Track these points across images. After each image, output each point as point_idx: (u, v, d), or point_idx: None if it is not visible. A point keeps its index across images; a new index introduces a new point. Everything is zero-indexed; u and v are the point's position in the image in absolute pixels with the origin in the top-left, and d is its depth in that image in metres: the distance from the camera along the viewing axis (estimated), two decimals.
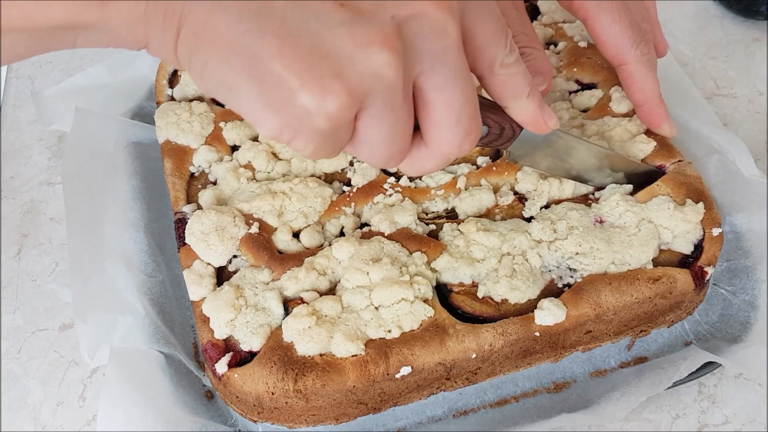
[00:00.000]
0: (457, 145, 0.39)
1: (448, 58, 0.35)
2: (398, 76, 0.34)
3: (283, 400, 0.51)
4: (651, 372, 0.58)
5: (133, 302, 0.60)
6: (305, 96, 0.33)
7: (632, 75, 0.61)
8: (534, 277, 0.56)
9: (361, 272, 0.55)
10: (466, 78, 0.37)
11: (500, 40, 0.40)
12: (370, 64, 0.33)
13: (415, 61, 0.35)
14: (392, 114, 0.35)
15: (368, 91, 0.34)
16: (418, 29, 0.34)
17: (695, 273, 0.57)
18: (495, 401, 0.58)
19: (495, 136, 0.48)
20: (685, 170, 0.62)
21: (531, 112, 0.45)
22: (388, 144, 0.37)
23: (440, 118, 0.37)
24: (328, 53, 0.32)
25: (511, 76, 0.42)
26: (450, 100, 0.37)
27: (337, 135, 0.35)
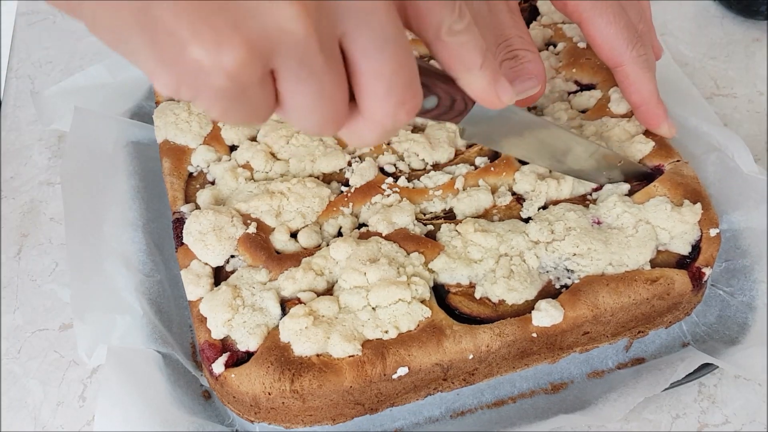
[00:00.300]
0: (391, 114, 0.36)
1: (374, 19, 0.33)
2: (309, 32, 0.31)
3: (280, 401, 0.51)
4: (648, 373, 0.57)
5: (131, 302, 0.60)
6: (197, 48, 0.30)
7: (629, 77, 0.61)
8: (531, 278, 0.56)
9: (358, 272, 0.55)
10: (397, 41, 0.34)
11: (445, 4, 0.37)
12: (274, 17, 0.30)
13: (336, 20, 0.32)
14: (312, 77, 0.32)
15: (275, 47, 0.31)
16: None
17: (693, 274, 0.57)
18: (492, 402, 0.58)
19: (445, 108, 0.45)
20: (681, 170, 0.62)
21: (483, 85, 0.41)
22: (317, 110, 0.34)
23: (369, 85, 0.35)
24: (225, 2, 0.30)
25: (461, 45, 0.39)
26: (378, 66, 0.34)
27: (248, 96, 0.32)
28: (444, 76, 0.43)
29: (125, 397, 0.53)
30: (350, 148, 0.66)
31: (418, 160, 0.66)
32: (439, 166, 0.66)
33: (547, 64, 0.73)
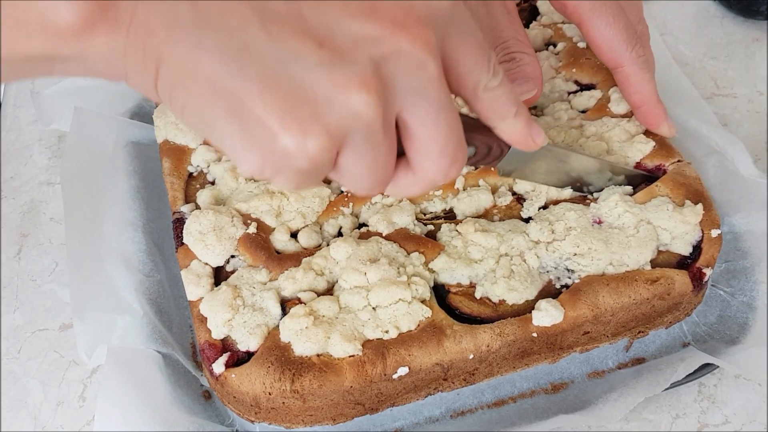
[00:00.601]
0: (444, 172, 0.39)
1: (429, 93, 0.36)
2: (377, 115, 0.34)
3: (280, 401, 0.51)
4: (649, 373, 0.57)
5: (131, 302, 0.60)
6: (286, 138, 0.33)
7: (628, 77, 0.61)
8: (532, 277, 0.56)
9: (358, 272, 0.55)
10: (448, 109, 0.37)
11: (483, 65, 0.40)
12: (348, 106, 0.33)
13: (395, 98, 0.35)
14: (372, 150, 0.36)
15: (348, 130, 0.34)
16: (396, 67, 0.34)
17: (693, 274, 0.57)
18: (492, 402, 0.58)
19: (482, 155, 0.48)
20: (684, 171, 0.62)
21: (518, 131, 0.45)
22: (369, 176, 0.37)
23: (426, 149, 0.38)
24: (307, 95, 0.33)
25: (496, 99, 0.42)
26: (434, 132, 0.37)
27: (319, 171, 0.36)
28: (478, 126, 0.45)
29: (125, 397, 0.53)
30: None
31: None
32: None
33: (547, 64, 0.73)
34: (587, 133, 0.65)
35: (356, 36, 0.33)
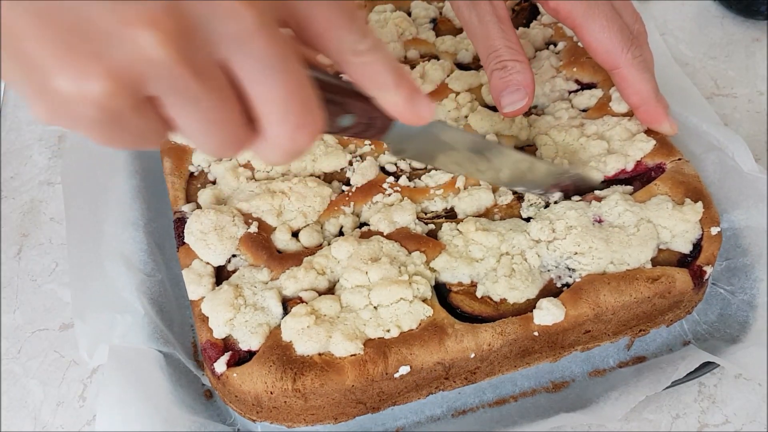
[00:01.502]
0: (290, 138, 0.36)
1: (253, 46, 0.32)
2: (175, 59, 0.30)
3: (282, 400, 0.51)
4: (650, 372, 0.58)
5: (132, 301, 0.60)
6: (61, 79, 0.30)
7: (626, 79, 0.61)
8: (533, 276, 0.56)
9: (360, 272, 0.55)
10: (283, 65, 0.33)
11: (343, 25, 0.37)
12: (136, 45, 0.30)
13: (211, 46, 0.32)
14: (192, 103, 0.32)
15: (141, 75, 0.30)
16: (198, 10, 0.31)
17: (694, 272, 0.57)
18: (494, 401, 0.58)
19: (364, 126, 0.44)
20: (683, 169, 0.62)
21: (399, 103, 0.41)
22: (209, 135, 0.34)
23: (263, 110, 0.35)
24: (88, 32, 0.29)
25: (368, 65, 0.39)
26: (267, 92, 0.34)
27: (126, 123, 0.32)
28: (361, 93, 0.42)
29: (127, 397, 0.53)
30: (351, 147, 0.66)
31: None
32: None
33: (548, 64, 0.73)
34: (588, 132, 0.65)
35: None
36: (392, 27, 0.79)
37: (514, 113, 0.61)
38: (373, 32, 0.39)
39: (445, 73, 0.73)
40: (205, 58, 0.32)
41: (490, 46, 0.60)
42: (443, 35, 0.78)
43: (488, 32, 0.59)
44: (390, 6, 0.82)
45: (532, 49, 0.76)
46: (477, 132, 0.67)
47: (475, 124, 0.68)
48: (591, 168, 0.63)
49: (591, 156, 0.64)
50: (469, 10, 0.60)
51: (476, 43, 0.62)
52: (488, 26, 0.59)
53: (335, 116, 0.42)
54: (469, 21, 0.61)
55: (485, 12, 0.60)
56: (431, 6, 0.82)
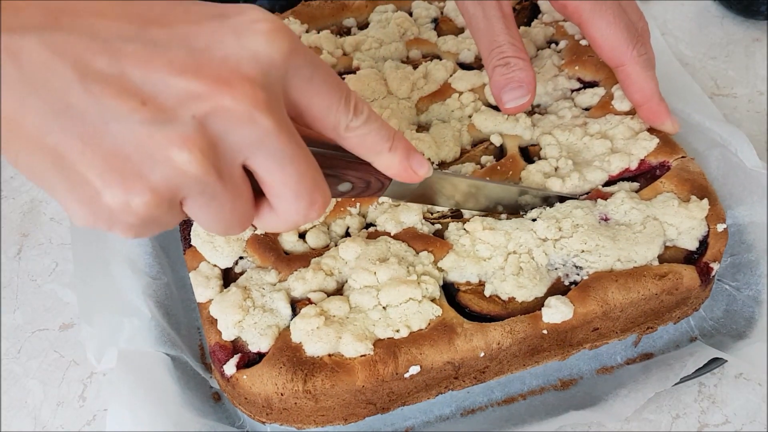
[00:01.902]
0: (303, 214, 0.40)
1: (268, 145, 0.36)
2: (205, 171, 0.35)
3: (293, 401, 0.50)
4: (657, 368, 0.58)
5: (138, 305, 0.60)
6: (108, 195, 0.34)
7: (630, 76, 0.61)
8: (540, 275, 0.56)
9: (368, 272, 0.55)
10: (295, 155, 0.38)
11: (339, 108, 0.41)
12: (171, 163, 0.34)
13: (232, 152, 0.36)
14: (213, 201, 0.37)
15: (176, 186, 0.35)
16: (221, 124, 0.35)
17: (701, 269, 0.57)
18: (503, 399, 0.58)
19: (361, 189, 0.48)
20: (687, 166, 0.62)
21: (395, 165, 0.45)
22: (219, 221, 0.39)
23: (279, 194, 0.39)
24: (130, 154, 0.34)
25: (363, 137, 0.43)
26: (282, 179, 0.38)
27: (157, 222, 0.37)
28: (354, 161, 0.45)
29: (135, 400, 0.53)
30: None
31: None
32: (445, 164, 0.66)
33: (550, 62, 0.73)
34: (591, 131, 0.66)
35: (179, 94, 0.34)
36: (394, 27, 0.79)
37: (516, 110, 0.61)
38: (367, 105, 0.43)
39: (448, 72, 0.73)
40: (229, 162, 0.36)
41: (493, 41, 0.60)
42: (445, 35, 0.78)
43: (492, 28, 0.60)
44: (391, 6, 0.82)
45: (534, 47, 0.76)
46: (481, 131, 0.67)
47: (479, 123, 0.68)
48: (595, 168, 0.63)
49: (595, 155, 0.64)
50: (474, 5, 0.60)
51: (479, 39, 0.62)
52: (492, 22, 0.60)
53: (334, 185, 0.46)
54: (474, 16, 0.61)
55: (490, 7, 0.60)
56: (432, 6, 0.82)
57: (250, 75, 0.35)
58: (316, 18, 0.81)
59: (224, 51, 0.35)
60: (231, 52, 0.35)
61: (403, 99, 0.71)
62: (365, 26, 0.81)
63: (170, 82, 0.34)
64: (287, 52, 0.37)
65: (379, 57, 0.76)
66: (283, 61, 0.37)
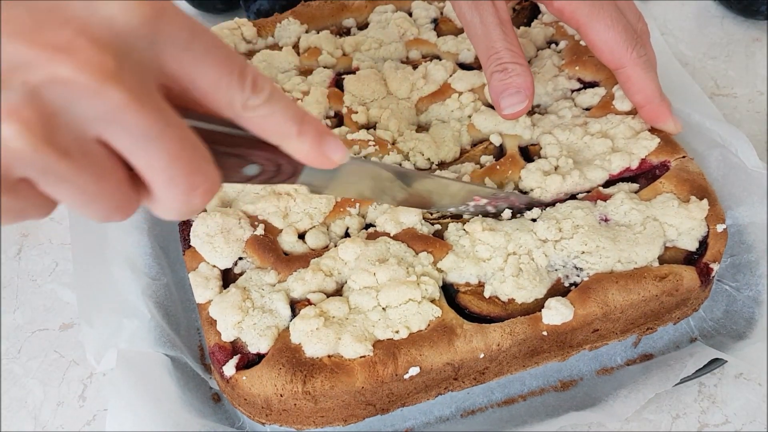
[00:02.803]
0: (182, 200, 0.36)
1: (121, 120, 0.32)
2: (33, 147, 0.31)
3: (292, 402, 0.50)
4: (658, 369, 0.58)
5: (138, 305, 0.60)
6: None
7: (630, 78, 0.61)
8: (540, 276, 0.56)
9: (367, 273, 0.55)
10: (161, 133, 0.33)
11: (231, 83, 0.36)
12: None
13: (76, 126, 0.32)
14: (66, 183, 0.33)
15: (9, 163, 0.31)
16: (59, 95, 0.31)
17: (701, 270, 0.57)
18: (502, 400, 0.58)
19: (271, 173, 0.43)
20: (687, 167, 0.62)
21: (306, 151, 0.41)
22: (90, 207, 0.35)
23: (150, 179, 0.35)
24: None
25: (266, 117, 0.38)
26: (148, 160, 0.34)
27: (8, 208, 0.33)
28: (265, 142, 0.41)
29: (135, 401, 0.53)
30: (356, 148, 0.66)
31: (424, 159, 0.66)
32: (444, 164, 0.66)
33: (550, 63, 0.73)
34: (591, 130, 0.66)
35: (10, 59, 0.30)
36: (393, 27, 0.79)
37: (514, 115, 0.61)
38: (269, 81, 0.38)
39: (447, 73, 0.73)
40: (74, 139, 0.32)
41: (490, 47, 0.60)
42: (444, 35, 0.78)
43: (489, 34, 0.60)
44: (391, 6, 0.82)
45: (534, 48, 0.76)
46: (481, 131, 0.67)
47: (479, 123, 0.68)
48: (595, 167, 0.63)
49: (595, 155, 0.64)
50: (471, 10, 0.60)
51: (477, 44, 0.62)
52: (490, 28, 0.59)
53: (238, 167, 0.41)
54: (471, 22, 0.61)
55: (488, 13, 0.60)
56: (432, 6, 0.82)
57: (98, 41, 0.31)
58: (316, 18, 0.81)
59: (69, 13, 0.31)
60: (77, 16, 0.31)
61: (403, 99, 0.71)
62: (365, 26, 0.81)
63: (4, 48, 0.30)
64: (150, 17, 0.33)
65: (379, 57, 0.76)
66: (145, 27, 0.33)
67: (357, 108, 0.70)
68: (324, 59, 0.76)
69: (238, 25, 0.79)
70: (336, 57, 0.76)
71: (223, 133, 0.39)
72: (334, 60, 0.76)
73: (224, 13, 0.99)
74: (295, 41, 0.79)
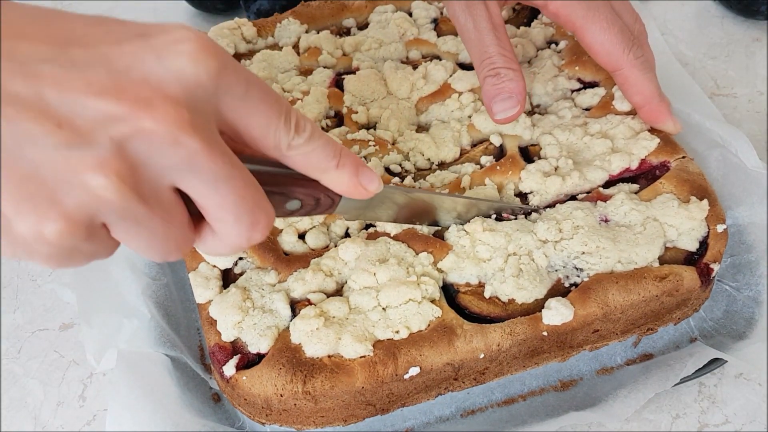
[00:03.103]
0: (246, 236, 0.39)
1: (197, 166, 0.35)
2: (121, 195, 0.33)
3: (292, 402, 0.50)
4: (657, 369, 0.58)
5: (138, 305, 0.60)
6: (21, 224, 0.33)
7: (628, 79, 0.61)
8: (540, 276, 0.56)
9: (368, 273, 0.55)
10: (230, 176, 0.36)
11: (278, 126, 0.39)
12: (86, 189, 0.33)
13: (156, 175, 0.35)
14: (139, 227, 0.35)
15: (93, 212, 0.34)
16: (142, 147, 0.34)
17: (701, 270, 0.57)
18: (503, 400, 0.58)
19: (311, 207, 0.46)
20: (687, 167, 0.62)
21: (345, 182, 0.44)
22: (154, 248, 0.37)
23: (217, 217, 0.38)
24: (44, 180, 0.32)
25: (307, 155, 0.41)
26: (218, 201, 0.37)
27: (80, 251, 0.35)
28: (302, 178, 0.44)
29: (135, 401, 0.53)
30: (356, 148, 0.66)
31: (424, 159, 0.66)
32: (444, 165, 0.66)
33: (550, 63, 0.73)
34: (591, 131, 0.66)
35: (97, 116, 0.32)
36: (394, 27, 0.79)
37: (506, 120, 0.61)
38: (309, 121, 0.41)
39: (447, 73, 0.73)
40: (152, 186, 0.35)
41: (483, 52, 0.60)
42: (444, 35, 0.78)
43: (482, 38, 0.60)
44: (391, 6, 0.82)
45: (534, 48, 0.76)
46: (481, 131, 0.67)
47: (479, 124, 0.68)
48: (595, 167, 0.63)
49: (595, 155, 0.64)
50: (465, 14, 0.61)
51: (470, 49, 0.62)
52: (483, 33, 0.60)
53: (282, 203, 0.44)
54: (464, 26, 0.61)
55: (481, 18, 0.60)
56: (432, 6, 0.82)
57: (172, 95, 0.34)
58: (316, 18, 0.81)
59: (145, 71, 0.34)
60: (152, 73, 0.34)
61: (403, 99, 0.71)
62: (365, 26, 0.81)
63: (88, 104, 0.32)
64: (215, 70, 0.35)
65: (379, 57, 0.76)
66: (211, 81, 0.35)
67: (357, 108, 0.70)
68: (324, 59, 0.76)
69: (238, 25, 0.79)
70: (336, 57, 0.76)
71: (268, 172, 0.42)
72: (334, 60, 0.76)
73: (224, 13, 0.99)
74: (295, 41, 0.79)
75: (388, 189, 0.52)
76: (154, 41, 0.35)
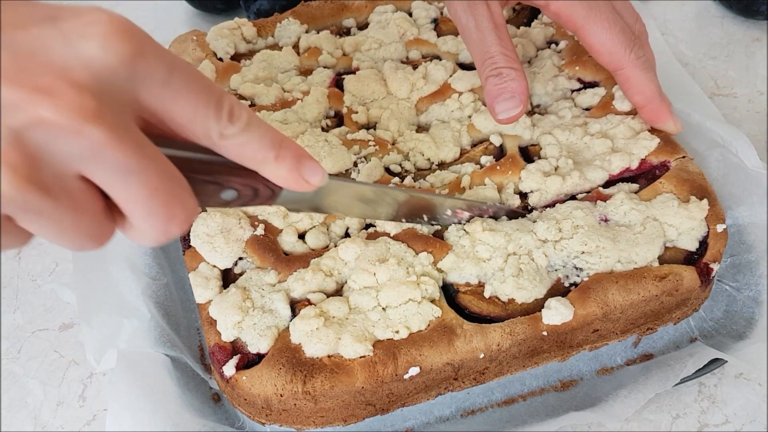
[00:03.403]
0: (161, 230, 0.37)
1: (102, 157, 0.33)
2: (18, 188, 0.32)
3: (292, 402, 0.50)
4: (658, 369, 0.58)
5: (138, 305, 0.60)
6: None
7: (629, 79, 0.61)
8: (540, 276, 0.56)
9: (367, 273, 0.55)
10: (140, 168, 0.34)
11: (207, 113, 0.37)
12: None
13: (59, 165, 0.33)
14: (43, 218, 0.34)
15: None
16: (42, 137, 0.32)
17: (701, 270, 0.57)
18: (503, 400, 0.58)
19: (249, 197, 0.44)
20: (687, 167, 0.62)
21: (284, 175, 0.42)
22: (65, 239, 0.36)
23: (129, 211, 0.36)
24: None
25: (242, 145, 0.39)
26: (127, 194, 0.35)
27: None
28: (239, 167, 0.41)
29: (135, 401, 0.53)
30: (356, 148, 0.66)
31: (424, 159, 0.66)
32: (444, 165, 0.66)
33: (550, 63, 0.73)
34: (591, 130, 0.66)
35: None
36: (393, 28, 0.79)
37: (508, 120, 0.61)
38: (246, 110, 0.39)
39: (447, 73, 0.73)
40: (55, 177, 0.33)
41: (486, 52, 0.60)
42: (444, 35, 0.78)
43: (484, 38, 0.60)
44: (391, 7, 0.82)
45: (534, 48, 0.76)
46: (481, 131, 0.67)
47: (479, 124, 0.68)
48: (595, 167, 0.63)
49: (595, 155, 0.64)
50: (466, 14, 0.61)
51: (472, 49, 0.62)
52: (485, 32, 0.60)
53: (216, 193, 0.42)
54: (466, 26, 0.61)
55: (482, 18, 0.60)
56: (432, 6, 0.82)
57: (77, 82, 0.32)
58: (316, 18, 0.81)
59: (49, 56, 0.32)
60: (58, 57, 0.32)
61: (403, 99, 0.71)
62: (365, 27, 0.81)
63: None
64: (128, 55, 0.34)
65: (379, 57, 0.76)
66: (123, 66, 0.34)
67: (357, 108, 0.70)
68: (324, 59, 0.76)
69: (238, 25, 0.79)
70: (336, 57, 0.76)
71: (200, 160, 0.40)
72: (334, 60, 0.76)
73: (224, 13, 0.99)
74: (295, 41, 0.79)
75: (335, 182, 0.50)
76: (64, 24, 0.33)
